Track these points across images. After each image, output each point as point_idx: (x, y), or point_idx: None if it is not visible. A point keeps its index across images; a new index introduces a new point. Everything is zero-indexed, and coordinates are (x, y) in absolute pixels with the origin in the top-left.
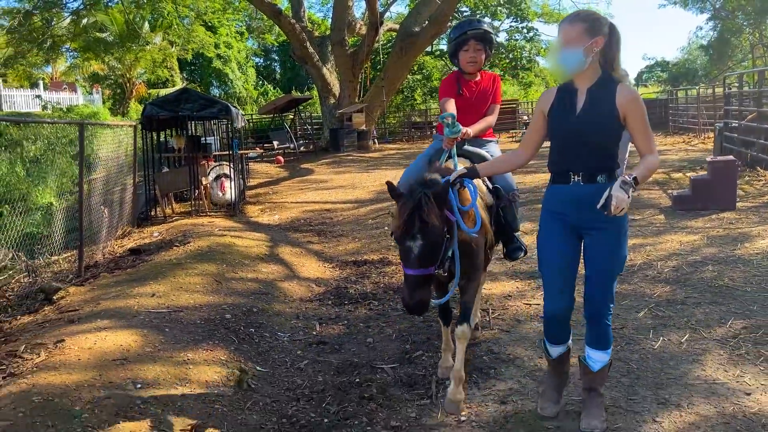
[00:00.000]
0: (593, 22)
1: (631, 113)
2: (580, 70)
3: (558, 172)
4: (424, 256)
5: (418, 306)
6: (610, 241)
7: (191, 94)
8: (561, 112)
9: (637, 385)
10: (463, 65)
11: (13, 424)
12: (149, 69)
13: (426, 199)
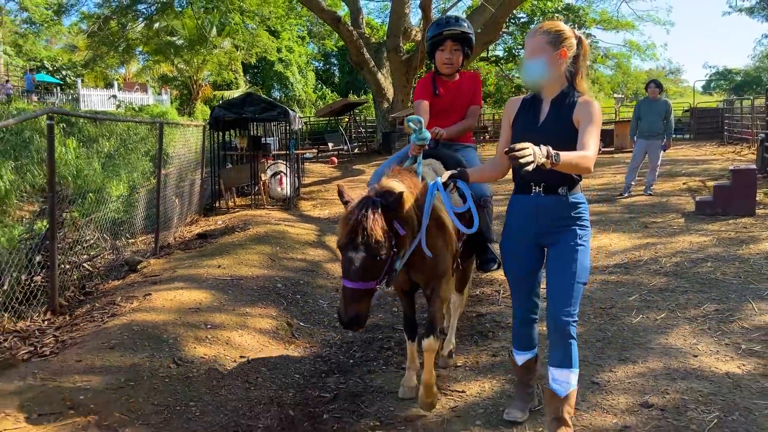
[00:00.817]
0: (556, 34)
1: (584, 116)
2: (542, 81)
3: (520, 183)
4: (365, 269)
5: (354, 321)
6: (570, 252)
7: (254, 98)
8: (524, 121)
9: (607, 348)
10: (439, 66)
11: (121, 342)
12: (215, 71)
13: (373, 209)
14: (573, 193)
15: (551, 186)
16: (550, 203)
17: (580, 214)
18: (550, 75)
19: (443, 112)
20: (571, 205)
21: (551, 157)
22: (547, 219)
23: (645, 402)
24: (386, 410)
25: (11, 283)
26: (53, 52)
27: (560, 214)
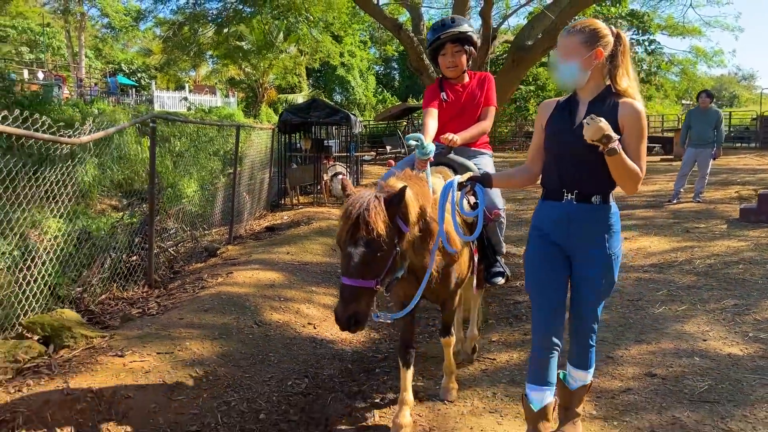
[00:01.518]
0: (591, 33)
1: (629, 129)
2: (578, 84)
3: (551, 189)
4: (364, 266)
5: (350, 321)
6: (600, 267)
7: (319, 104)
8: (559, 125)
9: (627, 331)
10: (444, 71)
11: (213, 307)
12: (280, 75)
13: (376, 203)
14: (606, 203)
15: (585, 194)
16: (582, 212)
17: (614, 225)
18: (584, 77)
19: (455, 117)
20: (603, 216)
21: (611, 141)
22: (578, 229)
23: (650, 372)
24: (427, 369)
25: (114, 261)
26: (129, 55)
27: (592, 224)
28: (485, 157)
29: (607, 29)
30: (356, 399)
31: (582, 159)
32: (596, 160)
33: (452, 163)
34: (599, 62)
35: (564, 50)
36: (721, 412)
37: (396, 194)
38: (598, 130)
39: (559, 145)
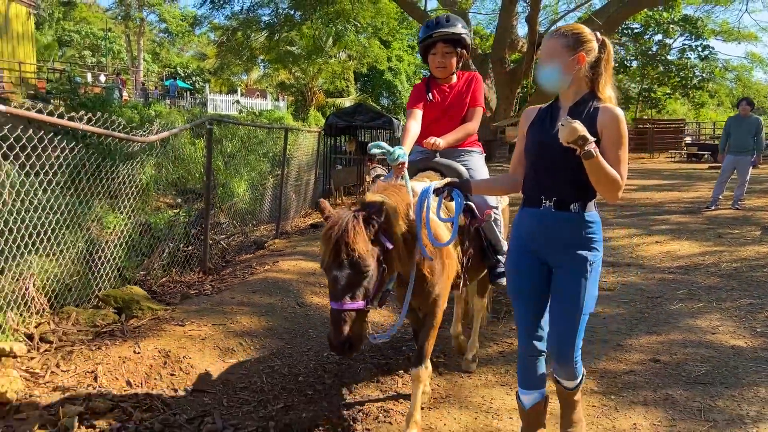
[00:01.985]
0: (574, 38)
1: (607, 133)
2: (559, 87)
3: (529, 195)
4: (351, 288)
5: (345, 345)
6: (577, 278)
7: (364, 108)
8: (539, 129)
9: (640, 324)
10: (433, 70)
11: (260, 289)
12: (329, 80)
13: (354, 222)
14: (586, 211)
15: (563, 201)
16: (560, 220)
17: (592, 235)
18: (565, 80)
19: (440, 118)
20: (583, 225)
21: (587, 143)
22: (555, 237)
23: (654, 358)
24: (448, 348)
25: (172, 250)
26: (185, 59)
27: (570, 233)
28: (473, 155)
29: (592, 35)
30: (383, 370)
31: (560, 165)
32: (575, 167)
33: (438, 166)
34: (581, 67)
35: (547, 53)
36: (712, 392)
37: (375, 212)
38: (573, 131)
39: (538, 150)
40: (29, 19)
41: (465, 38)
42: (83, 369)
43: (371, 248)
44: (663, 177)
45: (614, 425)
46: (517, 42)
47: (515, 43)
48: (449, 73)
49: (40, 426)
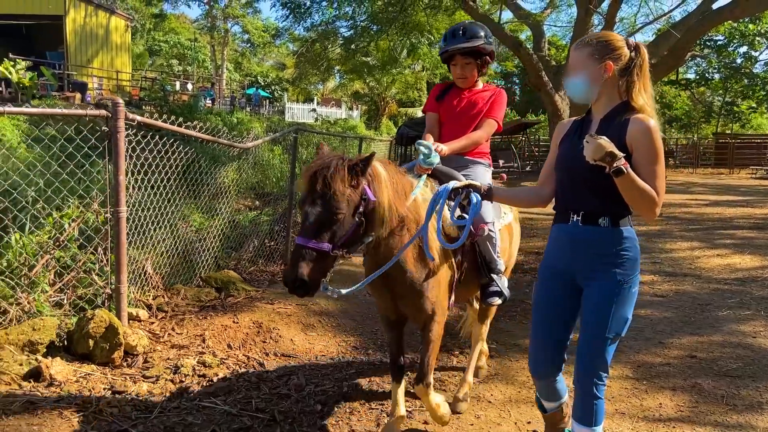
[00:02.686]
0: (601, 45)
1: (638, 146)
2: (587, 98)
3: (559, 210)
4: (319, 225)
5: (297, 283)
6: (605, 296)
7: None
8: (569, 143)
9: (685, 326)
10: (455, 80)
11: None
12: (402, 90)
13: (339, 162)
14: (617, 226)
15: (590, 215)
16: (588, 235)
17: (625, 252)
18: (592, 91)
19: (451, 123)
20: (613, 241)
21: (616, 160)
22: (583, 253)
23: (691, 354)
24: (499, 336)
25: (258, 244)
26: (265, 68)
27: (599, 249)
28: (478, 166)
29: (622, 41)
30: (441, 352)
31: (586, 178)
32: (603, 180)
33: (438, 174)
34: (609, 76)
35: (572, 63)
36: (738, 383)
37: (362, 159)
38: (598, 148)
39: (565, 164)
40: (127, 31)
41: (485, 48)
42: (193, 333)
43: (349, 193)
44: (739, 193)
45: (641, 404)
46: None
47: None
48: (471, 83)
49: (165, 369)
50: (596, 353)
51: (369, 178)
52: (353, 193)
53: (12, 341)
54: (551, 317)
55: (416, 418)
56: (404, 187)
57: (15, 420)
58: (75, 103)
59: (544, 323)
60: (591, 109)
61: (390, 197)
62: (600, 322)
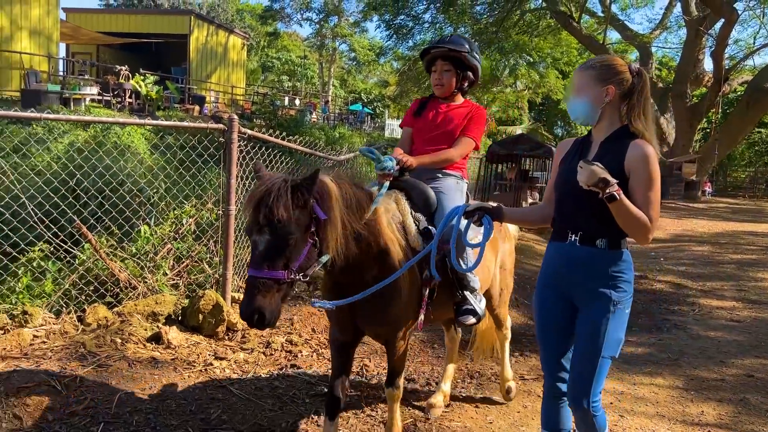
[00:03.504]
0: (604, 68)
1: (635, 172)
2: (588, 121)
3: (557, 229)
4: (270, 252)
5: (254, 316)
6: (599, 317)
7: (525, 138)
8: (569, 164)
9: (753, 349)
10: (433, 88)
11: None
12: (502, 108)
13: (282, 186)
14: (614, 248)
15: (588, 236)
16: (585, 255)
17: (620, 274)
18: (593, 114)
19: (422, 137)
20: (608, 262)
21: (608, 186)
22: (579, 273)
23: (748, 374)
24: None
25: None
26: (368, 85)
27: (595, 270)
28: (448, 179)
29: (625, 66)
30: None
31: (585, 200)
32: (601, 202)
33: (404, 185)
34: (611, 99)
35: (576, 85)
36: None
37: (307, 177)
38: (592, 175)
39: (564, 184)
40: (243, 49)
41: (467, 57)
42: (283, 317)
43: (298, 215)
44: None
45: (684, 410)
46: (702, 77)
47: (701, 77)
48: (448, 92)
49: (258, 344)
50: (589, 373)
51: (317, 196)
52: (301, 213)
53: (139, 311)
54: (553, 335)
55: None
56: (359, 201)
57: (142, 369)
58: (194, 114)
59: (546, 342)
60: (592, 131)
61: (341, 213)
62: (593, 342)
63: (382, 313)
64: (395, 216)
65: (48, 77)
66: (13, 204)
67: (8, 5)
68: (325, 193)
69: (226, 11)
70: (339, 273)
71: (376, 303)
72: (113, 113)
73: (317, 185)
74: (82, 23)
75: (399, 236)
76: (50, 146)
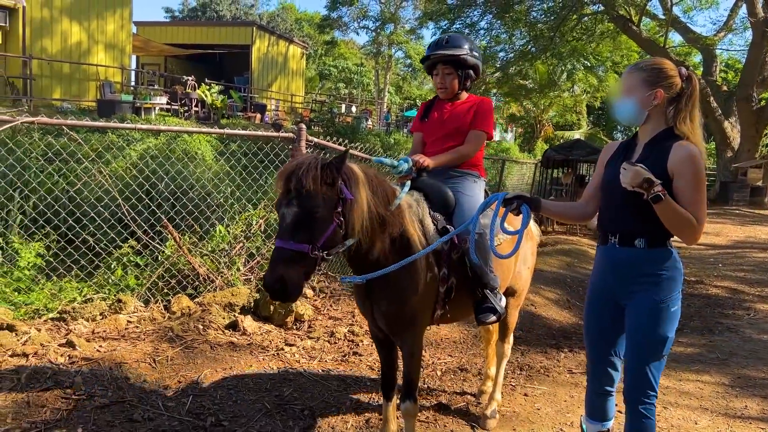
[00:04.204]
0: (654, 72)
1: (680, 173)
2: (634, 122)
3: (601, 233)
4: (297, 226)
5: (277, 286)
6: (644, 316)
7: (581, 144)
8: (613, 166)
9: None
10: (436, 90)
11: None
12: (560, 113)
13: (312, 161)
14: (653, 247)
15: (626, 236)
16: (625, 257)
17: (664, 272)
18: (640, 116)
19: (438, 137)
20: (651, 261)
21: (653, 187)
22: (621, 274)
23: None
24: None
25: None
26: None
27: (637, 270)
28: (467, 177)
29: (675, 70)
30: (549, 347)
31: (624, 200)
32: (640, 201)
33: (422, 186)
34: (659, 103)
35: (624, 87)
36: None
37: (336, 157)
38: (636, 175)
39: (607, 186)
40: (302, 58)
41: (467, 60)
42: (345, 310)
43: (325, 190)
44: None
45: (728, 404)
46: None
47: (767, 80)
48: (451, 94)
49: (323, 333)
50: (639, 372)
51: (345, 176)
52: (329, 191)
53: (217, 302)
54: (597, 336)
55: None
56: (385, 191)
57: (222, 352)
58: (255, 122)
59: (591, 342)
60: (637, 133)
61: (368, 196)
62: (640, 342)
63: (399, 308)
64: (415, 213)
65: (121, 88)
66: (107, 204)
67: (86, 21)
68: (352, 175)
69: (286, 21)
70: (362, 262)
71: (392, 298)
72: (181, 122)
73: (346, 166)
74: (151, 36)
75: (420, 233)
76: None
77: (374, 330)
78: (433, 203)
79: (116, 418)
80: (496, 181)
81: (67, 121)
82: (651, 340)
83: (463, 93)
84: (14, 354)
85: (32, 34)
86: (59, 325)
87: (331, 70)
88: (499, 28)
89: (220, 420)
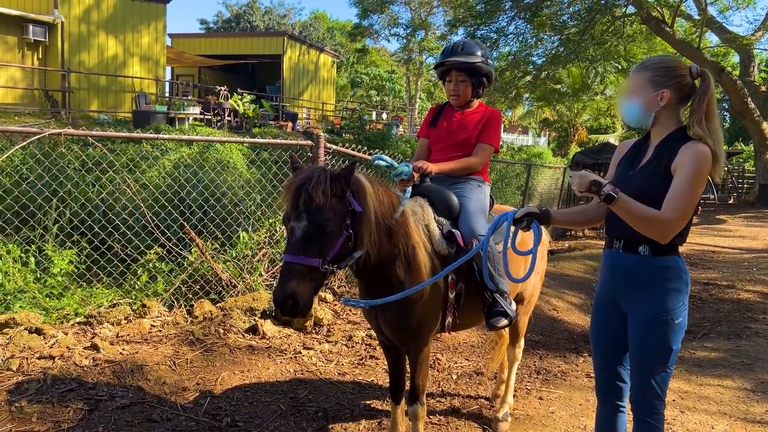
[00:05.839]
0: (661, 71)
1: (679, 167)
2: (640, 123)
3: (607, 236)
4: (306, 240)
5: (287, 302)
6: (644, 327)
7: (610, 147)
8: (624, 166)
9: None
10: (448, 97)
11: None
12: (593, 117)
13: (321, 174)
14: (658, 255)
15: (630, 242)
16: (627, 263)
17: (667, 283)
18: (646, 117)
19: (444, 145)
20: (654, 270)
21: (601, 187)
22: (624, 280)
23: None
24: None
25: None
26: None
27: (639, 278)
28: (470, 183)
29: (685, 68)
30: (569, 352)
31: None
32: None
33: (426, 191)
34: (666, 103)
35: (630, 86)
36: None
37: (344, 168)
38: (582, 180)
39: (619, 187)
40: (333, 66)
41: (482, 67)
42: None
43: (334, 203)
44: None
45: (747, 409)
46: None
47: None
48: (464, 101)
49: (342, 337)
50: (643, 382)
51: (353, 188)
52: (338, 203)
53: (239, 306)
54: (602, 343)
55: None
56: (390, 200)
57: (241, 355)
58: (287, 131)
59: (596, 349)
60: (650, 133)
61: (376, 207)
62: (641, 352)
63: (404, 317)
64: (420, 219)
65: (156, 99)
66: (135, 212)
67: (122, 34)
68: (360, 187)
69: (318, 30)
70: (368, 273)
71: (397, 307)
72: (214, 131)
73: (354, 178)
74: (185, 47)
75: (425, 239)
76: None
77: (381, 337)
78: (438, 208)
79: (135, 418)
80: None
81: (92, 132)
82: (653, 352)
83: (475, 101)
84: (41, 356)
85: (70, 49)
86: (85, 328)
87: (363, 77)
88: (528, 32)
89: (236, 421)
